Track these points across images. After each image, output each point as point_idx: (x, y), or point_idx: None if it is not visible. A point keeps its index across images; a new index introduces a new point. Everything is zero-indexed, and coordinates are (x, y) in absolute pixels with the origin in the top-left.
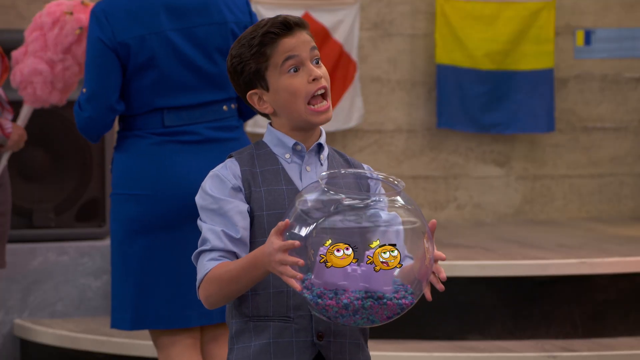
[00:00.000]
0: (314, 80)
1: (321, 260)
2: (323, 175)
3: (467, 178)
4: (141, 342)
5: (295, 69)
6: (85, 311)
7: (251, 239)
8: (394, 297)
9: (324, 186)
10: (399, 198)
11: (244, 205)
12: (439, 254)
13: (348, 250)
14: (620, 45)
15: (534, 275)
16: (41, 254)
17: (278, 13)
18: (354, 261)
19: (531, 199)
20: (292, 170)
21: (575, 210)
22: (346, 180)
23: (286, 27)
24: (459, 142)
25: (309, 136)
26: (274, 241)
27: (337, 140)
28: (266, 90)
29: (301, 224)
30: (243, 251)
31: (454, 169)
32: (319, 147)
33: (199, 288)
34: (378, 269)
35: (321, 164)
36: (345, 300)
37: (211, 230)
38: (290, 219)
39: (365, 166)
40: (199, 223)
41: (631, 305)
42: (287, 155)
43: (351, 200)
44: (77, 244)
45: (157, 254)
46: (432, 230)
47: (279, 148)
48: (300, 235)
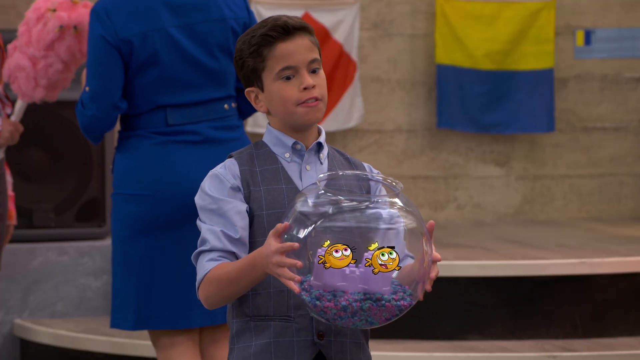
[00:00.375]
0: (305, 89)
1: (320, 262)
2: (321, 177)
3: (467, 178)
4: (141, 342)
5: (288, 77)
6: (85, 311)
7: (251, 239)
8: (393, 299)
9: (322, 188)
10: (397, 199)
11: (243, 205)
12: (435, 255)
13: (347, 251)
14: (620, 45)
15: (534, 275)
16: (41, 254)
17: (278, 13)
18: (352, 262)
19: (531, 199)
20: (292, 170)
21: (575, 210)
22: (347, 181)
23: (285, 32)
24: (459, 142)
25: (308, 135)
26: (272, 243)
27: (337, 140)
28: (261, 90)
29: (299, 226)
30: (242, 251)
31: (454, 169)
32: (319, 146)
33: (198, 289)
34: (377, 271)
35: (321, 163)
36: (343, 302)
37: (210, 231)
38: (288, 221)
39: (365, 165)
40: (198, 223)
41: (631, 305)
42: (287, 155)
43: (349, 202)
44: (77, 244)
45: (160, 253)
46: (431, 232)
47: (278, 147)
48: (298, 236)
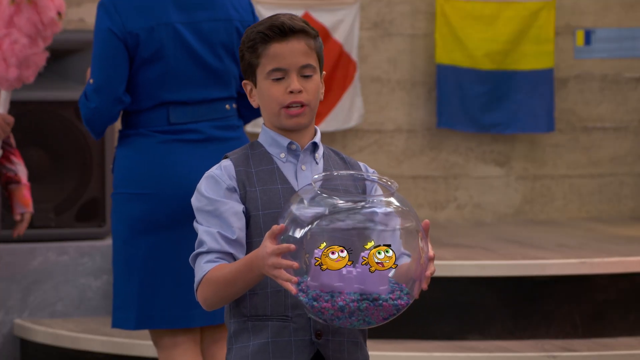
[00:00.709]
0: (290, 92)
1: (316, 263)
2: (316, 177)
3: (467, 178)
4: (141, 342)
5: (277, 78)
6: (85, 311)
7: (248, 239)
8: (390, 298)
9: (317, 189)
10: (392, 199)
11: (240, 206)
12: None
13: (343, 252)
14: (620, 45)
15: (534, 275)
16: (41, 254)
17: (278, 13)
18: (349, 263)
19: (531, 199)
20: (288, 170)
21: (575, 210)
22: (342, 181)
23: (281, 32)
24: (459, 142)
25: (303, 135)
26: (268, 245)
27: (337, 140)
28: (255, 85)
29: (295, 227)
30: (240, 252)
31: (454, 169)
32: (314, 146)
33: (197, 291)
34: (373, 269)
35: (316, 162)
36: (340, 303)
37: (207, 232)
38: (284, 222)
39: (361, 164)
40: (195, 225)
41: (631, 305)
42: (282, 155)
43: (345, 203)
44: (77, 244)
45: (161, 253)
46: (426, 230)
47: (273, 148)
48: (294, 237)
